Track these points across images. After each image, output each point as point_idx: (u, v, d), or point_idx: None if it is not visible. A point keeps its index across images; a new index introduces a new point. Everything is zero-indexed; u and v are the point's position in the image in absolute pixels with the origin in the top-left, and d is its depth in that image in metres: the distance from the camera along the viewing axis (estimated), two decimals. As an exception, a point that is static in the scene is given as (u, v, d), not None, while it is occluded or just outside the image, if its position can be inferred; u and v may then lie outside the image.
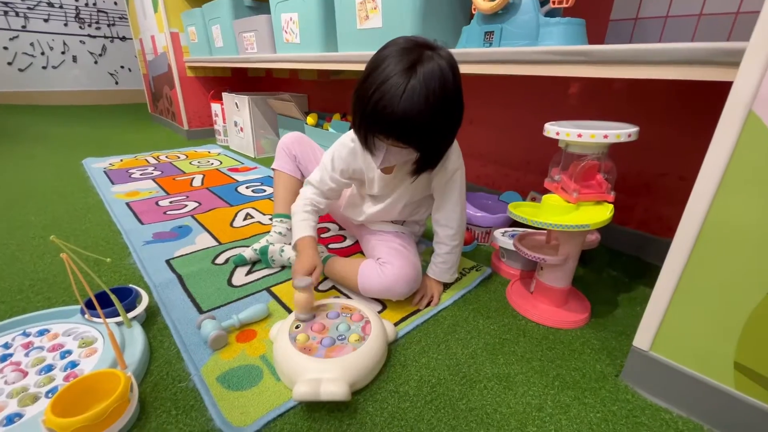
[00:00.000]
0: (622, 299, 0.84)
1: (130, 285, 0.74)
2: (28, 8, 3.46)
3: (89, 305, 0.67)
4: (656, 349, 0.56)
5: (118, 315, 0.65)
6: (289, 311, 0.75)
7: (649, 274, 0.94)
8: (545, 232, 0.84)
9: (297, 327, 0.64)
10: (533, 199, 1.10)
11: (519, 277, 0.88)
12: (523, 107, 1.17)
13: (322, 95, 2.05)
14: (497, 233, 0.93)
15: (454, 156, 0.74)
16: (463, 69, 0.62)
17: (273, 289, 0.83)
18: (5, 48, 3.44)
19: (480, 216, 1.01)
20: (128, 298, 0.69)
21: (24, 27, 3.48)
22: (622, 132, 0.60)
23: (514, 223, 1.04)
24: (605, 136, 0.60)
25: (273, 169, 0.94)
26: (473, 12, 0.82)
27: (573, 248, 0.72)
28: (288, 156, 0.92)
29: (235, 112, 2.05)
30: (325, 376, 0.53)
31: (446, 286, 0.85)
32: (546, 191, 0.73)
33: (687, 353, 0.54)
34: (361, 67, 1.05)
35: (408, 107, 0.54)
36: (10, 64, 3.50)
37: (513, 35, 0.74)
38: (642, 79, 0.91)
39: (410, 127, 0.56)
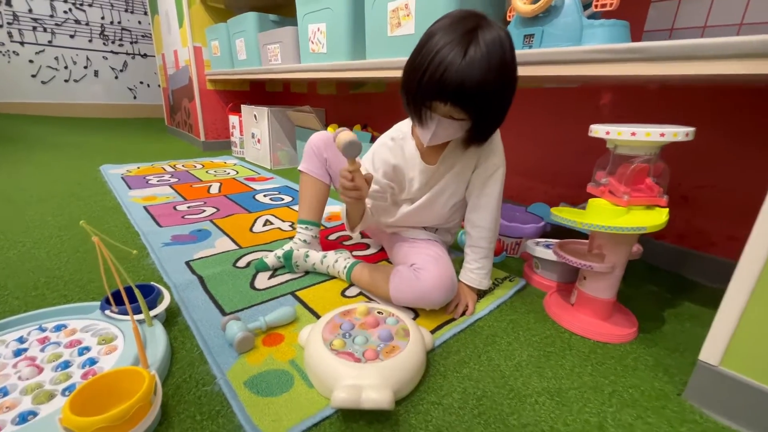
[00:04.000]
0: (668, 315, 0.79)
1: (152, 283, 0.70)
2: (56, 24, 3.59)
3: (108, 301, 0.63)
4: (727, 364, 0.51)
5: (138, 312, 0.61)
6: (317, 316, 0.71)
7: (692, 290, 0.89)
8: (586, 241, 0.80)
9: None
10: (564, 211, 1.06)
11: (555, 288, 0.84)
12: (551, 118, 1.16)
13: (341, 110, 2.07)
14: (531, 243, 0.89)
15: (499, 152, 0.72)
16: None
17: (298, 293, 0.79)
18: (30, 61, 3.55)
19: (512, 226, 0.98)
20: (150, 295, 0.65)
21: (50, 42, 3.60)
22: (679, 131, 0.57)
23: (545, 235, 1.01)
24: (662, 135, 0.57)
25: (300, 171, 0.91)
26: (509, 17, 0.82)
27: (620, 256, 0.68)
28: (318, 158, 0.89)
29: (252, 124, 2.06)
30: (365, 383, 0.49)
31: (480, 295, 0.80)
32: (571, 203, 0.70)
33: (765, 368, 0.48)
34: (391, 74, 1.06)
35: (469, 69, 0.53)
36: (33, 76, 3.60)
37: (555, 38, 0.73)
38: (677, 87, 0.90)
39: (470, 91, 0.55)
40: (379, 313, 0.65)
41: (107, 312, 0.62)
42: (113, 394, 0.46)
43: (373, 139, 1.55)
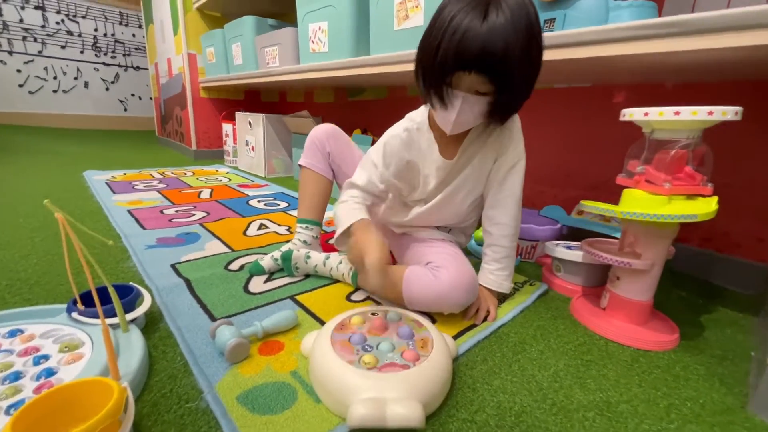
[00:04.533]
0: (705, 321, 0.72)
1: (131, 283, 0.61)
2: (48, 35, 3.54)
3: (76, 303, 0.54)
4: (805, 370, 0.44)
5: (112, 315, 0.52)
6: (322, 323, 0.62)
7: (724, 296, 0.82)
8: (614, 240, 0.74)
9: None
10: (580, 213, 1.01)
11: (581, 292, 0.77)
12: (561, 120, 1.12)
13: (338, 118, 2.01)
14: (550, 245, 0.83)
15: (520, 142, 0.67)
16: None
17: (299, 297, 0.70)
18: (18, 71, 3.47)
19: (526, 228, 0.91)
20: (126, 297, 0.56)
21: (40, 52, 3.53)
22: (728, 108, 0.52)
23: (562, 237, 0.94)
24: (710, 113, 0.52)
25: (300, 166, 0.84)
26: (526, 5, 0.78)
27: (658, 253, 0.61)
28: (320, 152, 0.82)
29: (247, 132, 1.99)
30: (387, 396, 0.40)
31: (499, 300, 0.72)
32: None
33: None
34: (397, 69, 1.01)
35: (490, 31, 0.48)
36: (21, 86, 3.51)
37: (578, 21, 0.68)
38: (697, 84, 0.87)
39: (494, 55, 0.49)
40: (373, 314, 0.57)
41: (74, 315, 0.52)
42: (73, 412, 0.36)
43: (373, 144, 1.49)
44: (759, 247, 0.85)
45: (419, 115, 0.69)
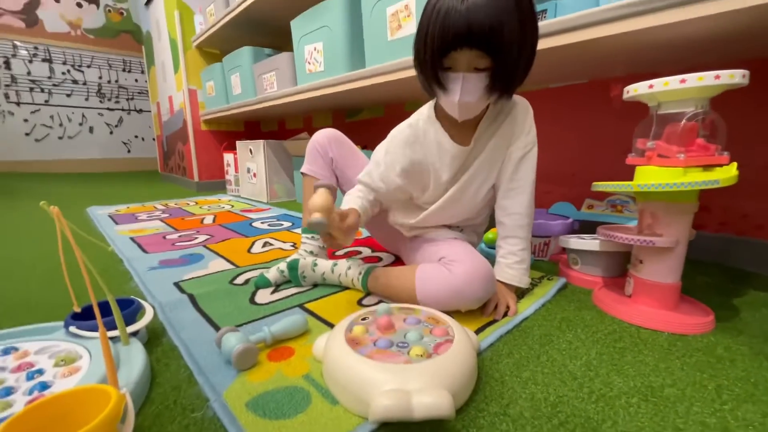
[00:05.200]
0: (738, 304, 0.68)
1: (131, 297, 0.58)
2: (54, 85, 3.68)
3: (75, 317, 0.51)
4: None
5: (112, 328, 0.49)
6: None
7: (751, 279, 0.78)
8: (631, 225, 0.72)
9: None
10: (590, 207, 0.98)
11: (602, 283, 0.73)
12: (561, 119, 1.12)
13: (337, 139, 2.04)
14: (565, 238, 0.80)
15: (533, 131, 0.66)
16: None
17: (308, 305, 0.67)
18: (25, 120, 3.58)
19: (538, 224, 0.88)
20: (127, 309, 0.53)
21: (46, 101, 3.66)
22: (735, 71, 0.51)
23: (574, 232, 0.91)
24: (717, 77, 0.51)
25: (302, 174, 0.83)
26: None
27: (681, 229, 0.59)
28: (322, 158, 0.81)
29: (248, 159, 2.01)
30: (410, 387, 0.36)
31: (518, 295, 0.69)
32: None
33: None
34: (394, 77, 1.02)
35: (473, 3, 0.48)
36: (27, 134, 3.61)
37: (570, 9, 0.69)
38: (698, 66, 0.86)
39: (481, 25, 0.49)
40: (363, 319, 0.52)
41: (72, 329, 0.49)
42: (67, 422, 0.33)
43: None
44: (782, 227, 0.81)
45: (426, 108, 0.68)
